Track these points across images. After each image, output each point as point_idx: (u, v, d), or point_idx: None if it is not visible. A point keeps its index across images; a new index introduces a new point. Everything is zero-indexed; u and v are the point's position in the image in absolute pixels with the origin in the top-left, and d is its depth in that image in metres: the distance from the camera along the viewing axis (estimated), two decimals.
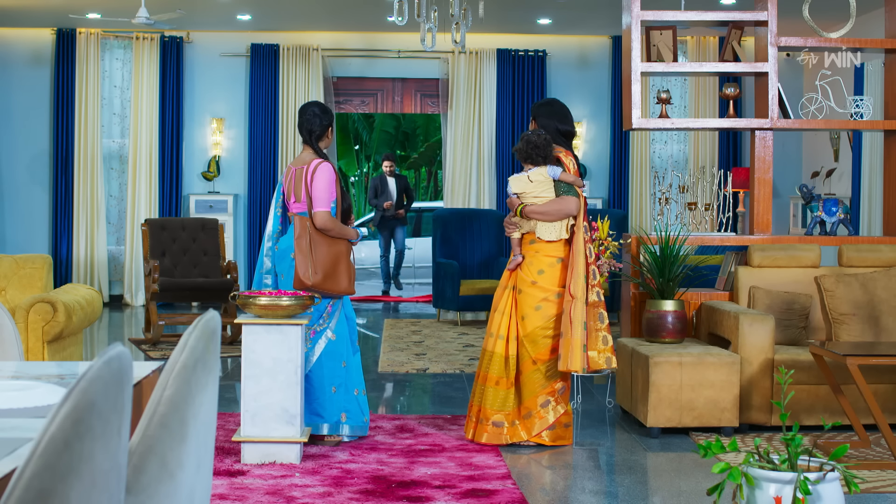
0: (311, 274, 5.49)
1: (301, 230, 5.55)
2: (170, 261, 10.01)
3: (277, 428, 5.25)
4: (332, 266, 5.56)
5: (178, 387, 2.12)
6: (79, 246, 12.78)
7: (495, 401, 5.68)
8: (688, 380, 6.06)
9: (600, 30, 12.89)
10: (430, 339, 10.07)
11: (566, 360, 5.50)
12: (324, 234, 5.58)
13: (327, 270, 5.54)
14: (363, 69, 13.26)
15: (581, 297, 5.50)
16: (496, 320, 5.72)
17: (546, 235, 5.60)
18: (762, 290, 6.67)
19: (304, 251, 5.51)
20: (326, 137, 5.75)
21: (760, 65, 6.91)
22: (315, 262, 5.52)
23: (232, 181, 13.09)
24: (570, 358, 5.47)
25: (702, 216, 7.09)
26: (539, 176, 5.64)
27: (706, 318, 6.73)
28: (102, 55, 12.92)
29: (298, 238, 5.55)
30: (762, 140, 7.01)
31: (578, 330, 5.48)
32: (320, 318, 5.63)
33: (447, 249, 11.55)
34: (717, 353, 6.14)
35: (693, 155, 13.11)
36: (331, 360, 5.62)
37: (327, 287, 5.53)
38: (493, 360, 5.69)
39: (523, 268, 5.67)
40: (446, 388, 7.63)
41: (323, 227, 5.57)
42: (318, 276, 5.50)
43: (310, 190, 5.56)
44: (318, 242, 5.55)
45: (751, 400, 6.18)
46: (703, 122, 7.23)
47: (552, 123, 5.81)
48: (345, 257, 5.62)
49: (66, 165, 12.77)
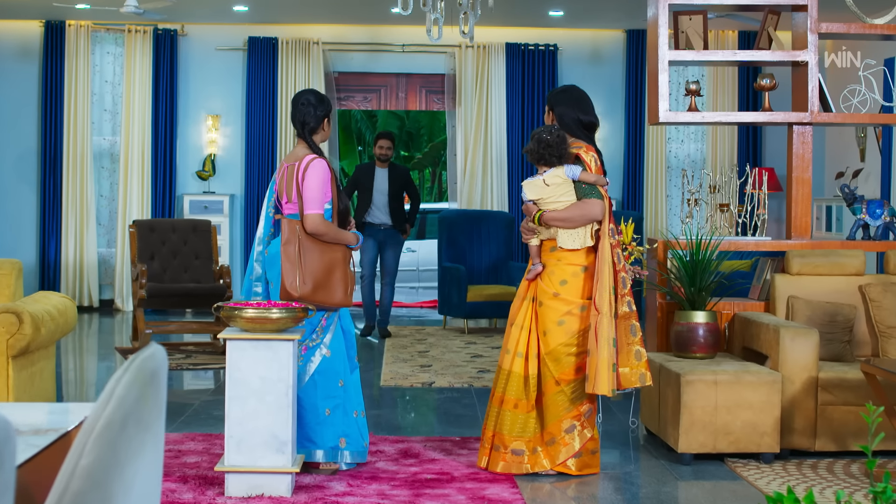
0: (300, 284, 4.89)
1: (289, 235, 4.96)
2: (159, 265, 9.42)
3: (266, 456, 4.65)
4: (324, 275, 4.95)
5: (99, 453, 1.53)
6: (67, 248, 12.22)
7: (514, 426, 5.07)
8: (724, 401, 5.46)
9: (615, 23, 12.31)
10: (435, 348, 9.48)
11: (592, 381, 4.89)
12: (316, 240, 4.99)
13: (319, 280, 4.93)
14: (366, 64, 12.69)
15: (607, 311, 4.89)
16: (514, 335, 5.11)
17: (568, 244, 4.98)
18: (802, 300, 6.07)
19: (292, 258, 4.92)
20: (322, 130, 5.14)
21: (799, 53, 6.31)
22: (304, 271, 4.92)
23: (228, 181, 12.52)
24: (597, 380, 4.86)
25: (734, 218, 6.48)
26: (556, 178, 5.00)
27: (740, 331, 6.13)
28: (93, 49, 12.36)
29: (286, 244, 4.95)
30: (800, 136, 6.42)
31: (605, 348, 4.86)
32: (313, 333, 5.02)
33: (453, 253, 10.97)
34: (756, 370, 5.54)
35: (711, 154, 12.51)
36: (325, 380, 5.02)
37: (319, 299, 4.93)
38: (512, 380, 5.07)
39: (543, 278, 5.05)
40: (454, 405, 7.03)
41: (314, 231, 4.97)
42: (307, 287, 4.90)
43: (301, 189, 4.97)
44: (309, 249, 4.95)
45: (793, 423, 5.58)
46: (736, 115, 6.63)
47: (572, 113, 5.17)
48: (341, 265, 5.01)
49: (54, 164, 12.21)
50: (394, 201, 9.92)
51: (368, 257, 9.99)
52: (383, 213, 9.91)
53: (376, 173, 9.94)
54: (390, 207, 9.92)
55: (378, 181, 9.92)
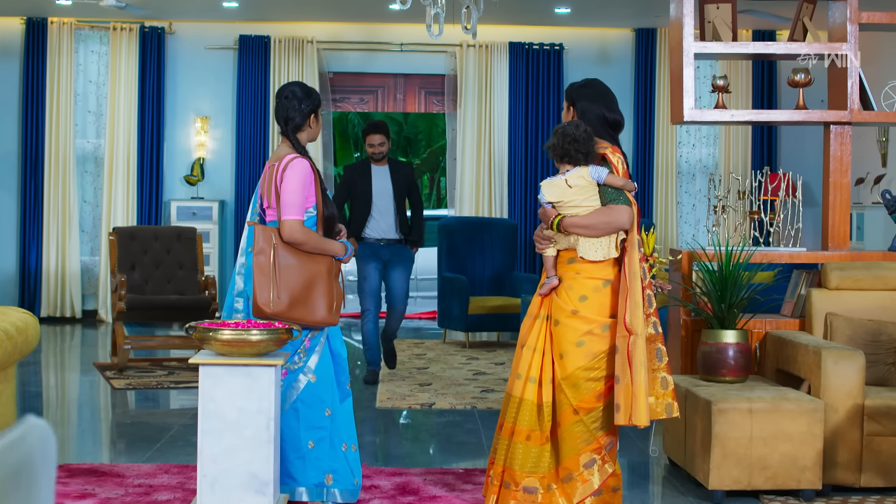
0: (273, 299, 4.30)
1: (263, 243, 4.36)
2: (140, 275, 8.82)
3: (244, 498, 4.07)
4: (303, 289, 4.35)
5: None
6: (49, 256, 11.65)
7: (526, 460, 4.46)
8: (759, 431, 4.88)
9: (624, 21, 11.76)
10: (435, 364, 8.90)
11: (627, 411, 4.27)
12: (295, 249, 4.40)
13: (296, 295, 4.33)
14: (362, 64, 12.13)
15: (642, 331, 4.29)
16: (525, 358, 4.51)
17: (590, 254, 4.37)
18: (841, 317, 5.49)
19: (265, 270, 4.32)
20: (309, 128, 4.55)
21: (838, 45, 5.74)
22: (279, 285, 4.32)
23: (217, 186, 11.95)
24: (635, 410, 4.25)
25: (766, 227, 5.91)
26: (580, 179, 4.39)
27: (773, 352, 5.55)
28: (76, 47, 11.81)
29: (258, 253, 4.36)
30: (839, 136, 5.84)
31: (641, 373, 4.25)
32: (296, 355, 4.43)
33: (454, 263, 10.39)
34: (796, 397, 4.96)
35: (724, 159, 11.94)
36: (309, 409, 4.42)
37: (297, 316, 4.33)
38: (523, 408, 4.47)
39: (560, 293, 4.45)
40: (456, 430, 6.45)
41: (291, 239, 4.38)
42: (282, 303, 4.31)
43: (279, 192, 4.39)
44: (286, 259, 4.35)
45: (836, 456, 5.00)
46: (769, 114, 6.06)
47: (596, 109, 4.56)
48: (324, 278, 4.41)
49: (35, 168, 11.65)
50: (400, 206, 7.91)
51: (370, 285, 7.83)
52: (387, 223, 7.85)
53: (374, 172, 7.91)
54: (396, 214, 7.88)
55: (378, 182, 7.89)
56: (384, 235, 7.85)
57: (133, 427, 6.66)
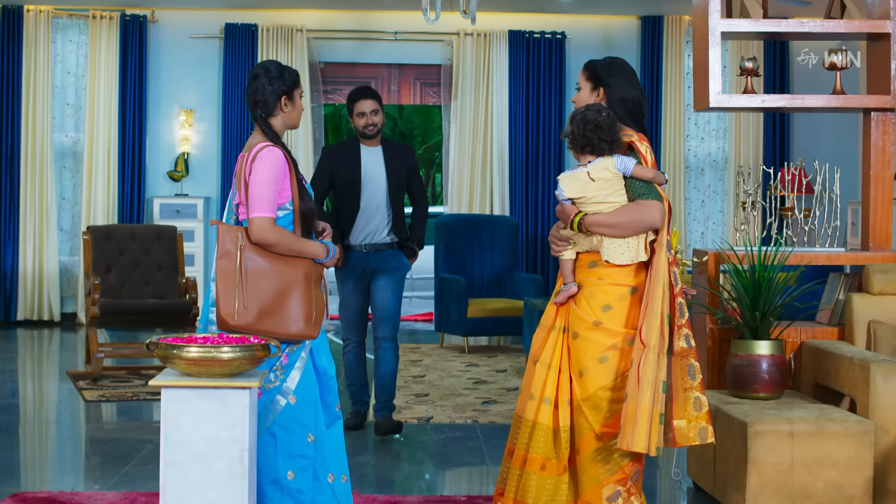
0: (239, 309, 3.70)
1: (229, 244, 3.77)
2: (116, 277, 8.24)
3: None
4: (275, 298, 3.76)
5: None
6: (26, 256, 11.09)
7: (541, 492, 3.89)
8: (801, 456, 4.33)
9: (629, 9, 11.22)
10: (432, 371, 8.34)
11: (627, 434, 3.72)
12: (266, 251, 3.81)
13: (266, 304, 3.74)
14: (355, 53, 11.59)
15: (656, 344, 3.73)
16: (539, 376, 3.93)
17: (616, 257, 3.78)
18: (886, 325, 4.93)
19: (229, 276, 3.74)
20: (281, 112, 3.94)
21: (881, 23, 5.18)
22: (246, 292, 3.74)
23: (203, 182, 11.39)
24: (633, 432, 3.69)
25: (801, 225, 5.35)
26: (604, 172, 3.81)
27: (810, 365, 5.00)
28: (54, 37, 11.26)
29: (220, 257, 3.77)
30: (880, 124, 5.28)
31: (647, 392, 3.69)
32: (272, 373, 3.85)
33: (452, 263, 9.83)
34: (842, 418, 4.41)
35: (734, 154, 11.37)
36: (288, 434, 3.84)
37: (267, 328, 3.74)
38: (537, 433, 3.90)
39: (579, 302, 3.87)
40: (457, 448, 5.89)
41: (261, 240, 3.79)
42: (248, 314, 3.72)
43: (247, 186, 3.81)
44: (255, 263, 3.77)
45: (887, 483, 4.45)
46: (804, 99, 5.49)
47: (630, 92, 3.98)
48: (301, 285, 3.81)
49: (11, 164, 11.09)
50: (396, 200, 6.11)
51: (350, 310, 6.15)
52: (377, 222, 6.07)
53: (363, 155, 6.06)
54: (391, 210, 6.10)
55: (368, 167, 6.05)
56: (370, 240, 6.06)
57: (103, 445, 6.10)
